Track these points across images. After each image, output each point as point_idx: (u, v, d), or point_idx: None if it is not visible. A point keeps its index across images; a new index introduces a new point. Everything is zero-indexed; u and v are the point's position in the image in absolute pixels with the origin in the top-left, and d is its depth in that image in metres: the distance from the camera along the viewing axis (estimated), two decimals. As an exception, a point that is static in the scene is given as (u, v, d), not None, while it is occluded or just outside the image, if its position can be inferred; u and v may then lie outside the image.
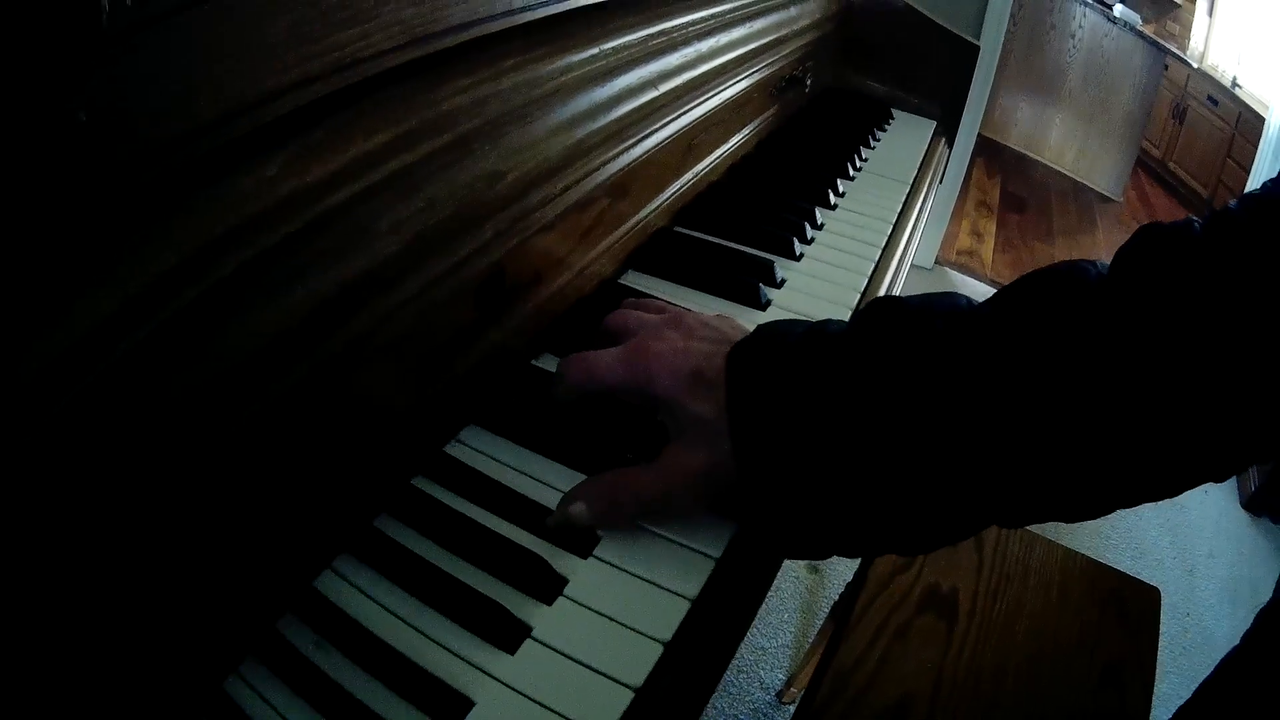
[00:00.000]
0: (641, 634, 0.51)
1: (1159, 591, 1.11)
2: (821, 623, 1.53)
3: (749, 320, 0.77)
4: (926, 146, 1.34)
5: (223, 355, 0.43)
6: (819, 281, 0.88)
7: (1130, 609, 1.07)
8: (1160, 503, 0.45)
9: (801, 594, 1.77)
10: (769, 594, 1.72)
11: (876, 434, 0.44)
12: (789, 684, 1.56)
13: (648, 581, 0.54)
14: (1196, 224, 0.43)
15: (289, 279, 0.47)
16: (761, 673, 1.60)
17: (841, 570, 1.82)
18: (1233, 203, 0.42)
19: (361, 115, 0.53)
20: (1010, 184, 4.66)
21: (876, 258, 0.94)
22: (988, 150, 4.83)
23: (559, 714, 0.47)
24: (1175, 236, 0.41)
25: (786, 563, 1.78)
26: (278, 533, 0.50)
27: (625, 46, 0.80)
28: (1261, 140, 2.88)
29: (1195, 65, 4.83)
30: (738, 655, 1.60)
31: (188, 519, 0.43)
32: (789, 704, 1.53)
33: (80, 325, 0.37)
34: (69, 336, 0.37)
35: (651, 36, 0.85)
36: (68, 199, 0.37)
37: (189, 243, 0.42)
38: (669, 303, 0.62)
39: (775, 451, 0.48)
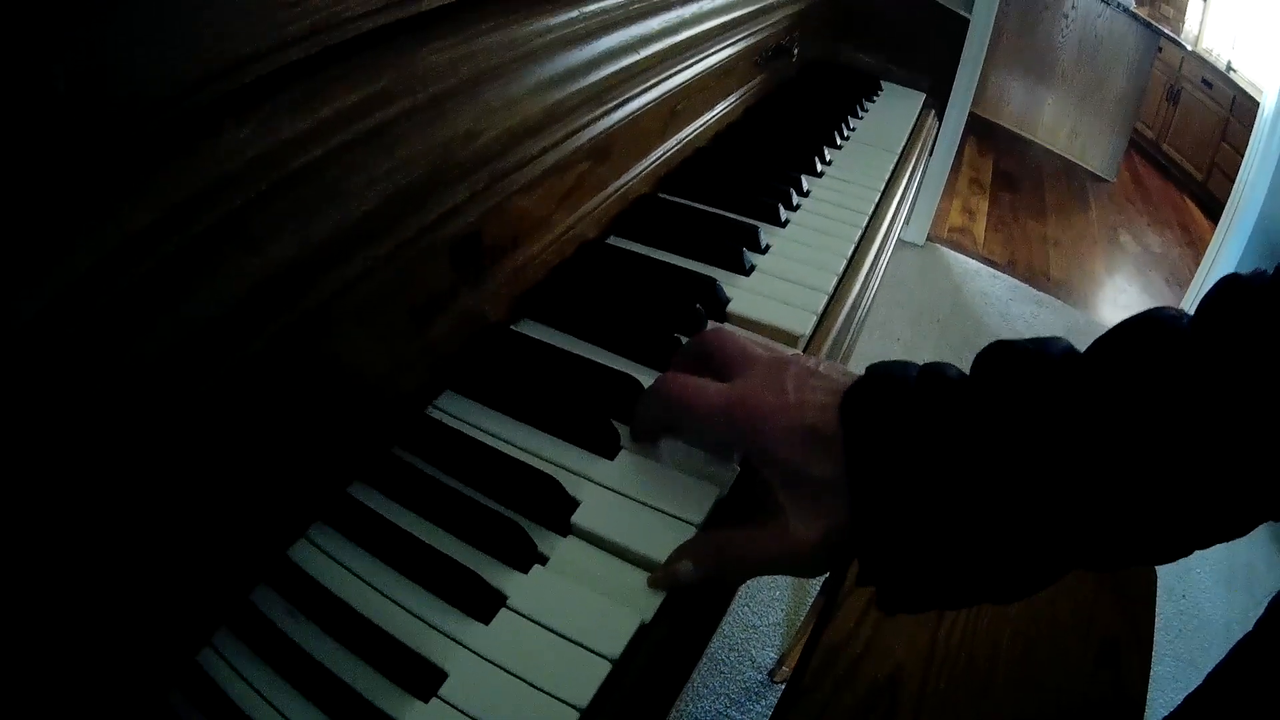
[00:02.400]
0: (621, 604, 0.49)
1: (1155, 571, 1.10)
2: (813, 600, 1.53)
3: (733, 285, 0.76)
4: (915, 117, 1.33)
5: (193, 315, 0.42)
6: (805, 248, 0.86)
7: (1127, 587, 1.06)
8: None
9: (793, 572, 1.76)
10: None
11: (1001, 489, 0.43)
12: (781, 662, 1.55)
13: (626, 549, 0.53)
14: (1265, 273, 0.43)
15: (260, 237, 0.46)
16: (753, 651, 1.59)
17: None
18: None
19: (337, 76, 0.52)
20: (1003, 162, 4.65)
21: (864, 225, 0.93)
22: (980, 129, 4.82)
23: (534, 686, 0.46)
24: (1254, 288, 0.42)
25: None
26: (250, 501, 0.49)
27: (606, 10, 0.78)
28: (1255, 124, 2.87)
29: (1190, 48, 4.82)
30: (728, 634, 1.60)
31: (158, 487, 0.42)
32: (780, 682, 1.52)
33: (53, 285, 0.37)
34: (42, 296, 0.36)
35: (633, 0, 0.83)
36: (44, 162, 0.37)
37: (158, 203, 0.41)
38: (768, 342, 0.59)
39: (900, 510, 0.46)
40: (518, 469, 0.57)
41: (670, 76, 0.91)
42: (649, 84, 0.86)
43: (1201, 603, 1.95)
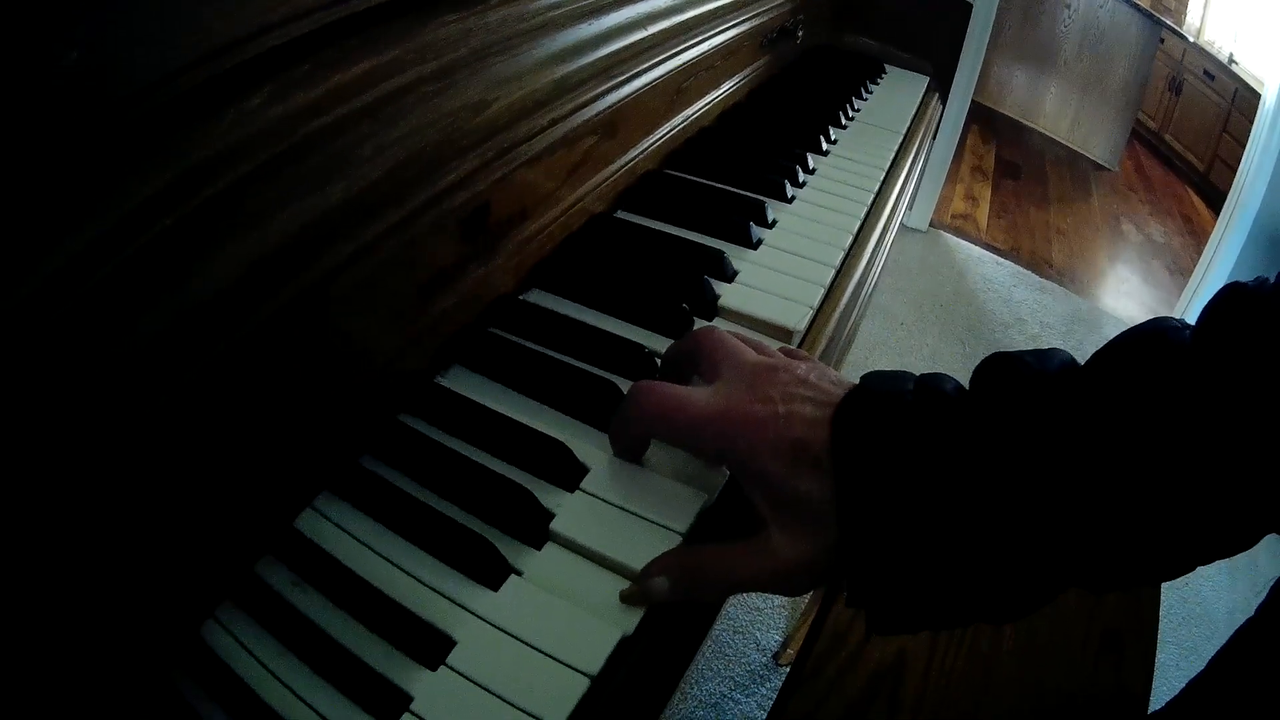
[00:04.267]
0: (631, 569, 0.49)
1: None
2: (817, 584, 1.52)
3: (741, 258, 0.76)
4: (920, 100, 1.33)
5: (202, 283, 0.42)
6: (811, 223, 0.86)
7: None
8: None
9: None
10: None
11: (999, 511, 0.42)
12: (785, 645, 1.55)
13: (638, 516, 0.52)
14: (1267, 281, 0.41)
15: (270, 205, 0.46)
16: (757, 634, 1.59)
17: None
18: None
19: (348, 47, 0.51)
20: (1005, 151, 4.64)
21: (869, 202, 0.93)
22: (983, 117, 4.81)
23: (545, 653, 0.45)
24: (1257, 297, 0.40)
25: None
26: (255, 471, 0.48)
27: (614, -15, 0.78)
28: (1257, 116, 2.86)
29: (1192, 39, 4.81)
30: (732, 616, 1.60)
31: (162, 458, 0.42)
32: (785, 665, 1.52)
33: (67, 250, 0.37)
34: (55, 262, 0.36)
35: (641, -23, 0.83)
36: (57, 134, 0.37)
37: (169, 170, 0.41)
38: (759, 343, 0.56)
39: (893, 535, 0.43)
40: (526, 433, 0.57)
41: (677, 54, 0.91)
42: (656, 60, 0.86)
43: (1204, 591, 1.95)
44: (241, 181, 0.44)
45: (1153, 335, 0.42)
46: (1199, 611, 1.89)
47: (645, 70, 0.84)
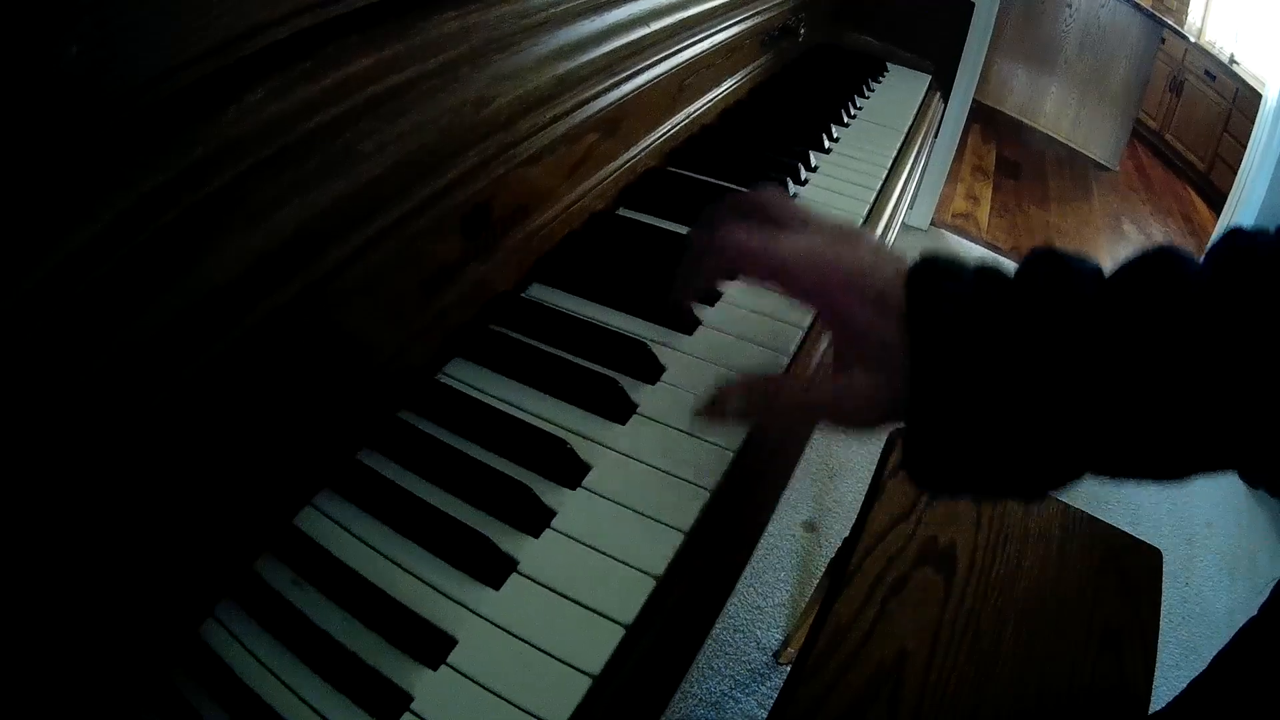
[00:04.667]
0: (632, 567, 0.49)
1: (1160, 553, 1.09)
2: (818, 581, 1.52)
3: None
4: (921, 98, 1.32)
5: (203, 279, 0.42)
6: (815, 222, 0.85)
7: (1131, 570, 1.06)
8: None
9: (798, 552, 1.76)
10: (765, 552, 1.72)
11: (1031, 381, 0.46)
12: (786, 644, 1.55)
13: (639, 514, 0.52)
14: (1267, 231, 0.45)
15: (272, 201, 0.46)
16: (758, 632, 1.58)
17: (838, 529, 1.80)
18: None
19: (350, 43, 0.51)
20: (1006, 150, 4.64)
21: (872, 199, 0.93)
22: (983, 116, 4.81)
23: (546, 652, 0.45)
24: (1257, 241, 0.44)
25: (782, 520, 1.76)
26: (257, 466, 0.48)
27: (616, -18, 0.78)
28: (1258, 117, 2.87)
29: (1193, 39, 4.81)
30: (733, 615, 1.60)
31: (165, 452, 0.42)
32: (786, 664, 1.52)
33: (67, 245, 0.37)
34: (55, 258, 0.36)
35: (643, -27, 0.83)
36: (59, 129, 0.37)
37: (171, 166, 0.41)
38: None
39: (949, 387, 0.48)
40: (528, 430, 0.57)
41: (679, 51, 0.91)
42: (658, 58, 0.86)
43: (1204, 590, 1.94)
44: (243, 177, 0.44)
45: (1165, 262, 0.46)
46: (1199, 610, 1.88)
47: (647, 67, 0.84)
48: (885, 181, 0.99)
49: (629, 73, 0.80)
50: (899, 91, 1.34)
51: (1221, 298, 0.43)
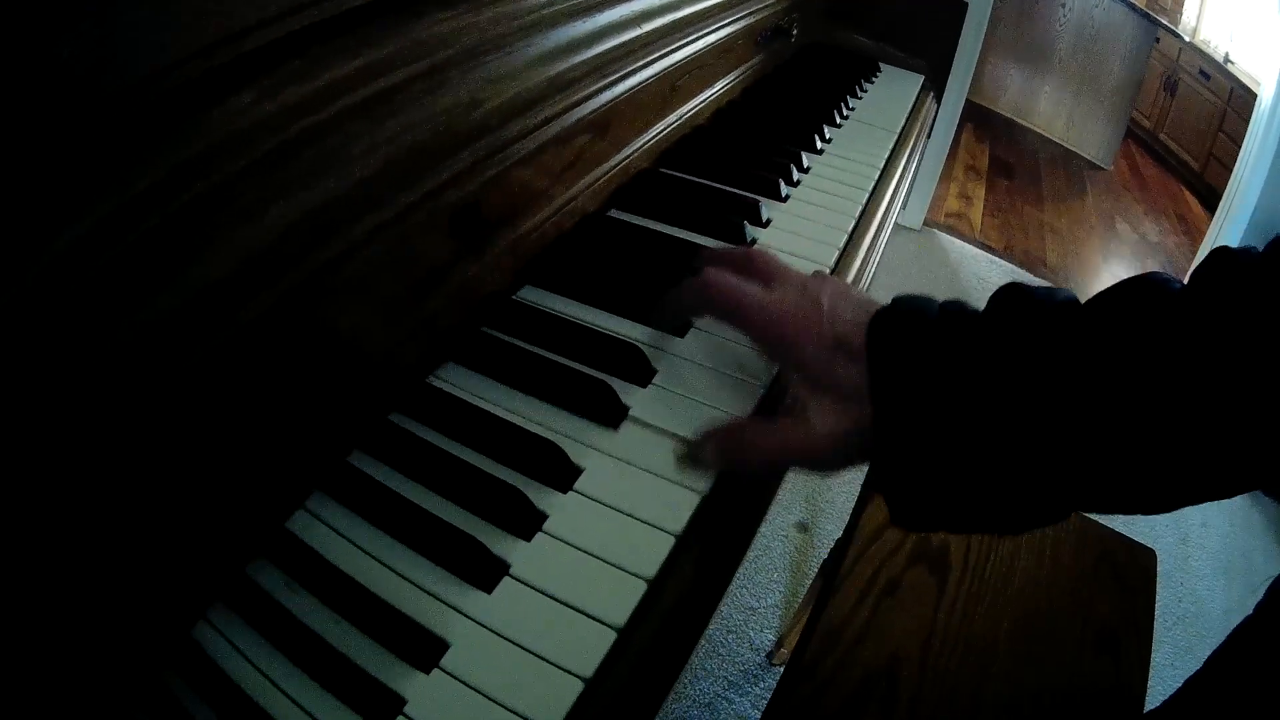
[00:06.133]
0: (624, 570, 0.49)
1: (1155, 554, 1.09)
2: (811, 582, 1.52)
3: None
4: (914, 99, 1.32)
5: (191, 280, 0.42)
6: (805, 222, 0.86)
7: (1126, 571, 1.06)
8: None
9: (791, 553, 1.76)
10: (759, 554, 1.72)
11: (998, 415, 0.46)
12: (779, 644, 1.55)
13: (630, 517, 0.52)
14: (1256, 250, 0.45)
15: (262, 201, 0.46)
16: (751, 633, 1.58)
17: (831, 530, 1.81)
18: None
19: (339, 44, 0.51)
20: (999, 150, 4.65)
21: (864, 201, 0.93)
22: (977, 116, 4.82)
23: (539, 655, 0.45)
24: (1242, 263, 0.45)
25: (774, 521, 1.76)
26: (247, 471, 0.48)
27: (608, -17, 0.78)
28: (1253, 116, 2.87)
29: (1187, 39, 4.82)
30: (726, 616, 1.60)
31: (156, 454, 0.42)
32: (779, 665, 1.52)
33: (54, 247, 0.37)
34: (42, 259, 0.36)
35: (635, -26, 0.83)
36: (49, 128, 0.37)
37: (160, 166, 0.41)
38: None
39: (912, 424, 0.49)
40: (519, 433, 0.57)
41: (671, 52, 0.91)
42: (650, 59, 0.86)
43: (1199, 590, 1.95)
44: (233, 177, 0.44)
45: (1147, 285, 0.47)
46: (1194, 611, 1.89)
47: (639, 68, 0.84)
48: (877, 182, 0.99)
49: (621, 74, 0.80)
50: (892, 91, 1.34)
51: (1204, 310, 0.43)
